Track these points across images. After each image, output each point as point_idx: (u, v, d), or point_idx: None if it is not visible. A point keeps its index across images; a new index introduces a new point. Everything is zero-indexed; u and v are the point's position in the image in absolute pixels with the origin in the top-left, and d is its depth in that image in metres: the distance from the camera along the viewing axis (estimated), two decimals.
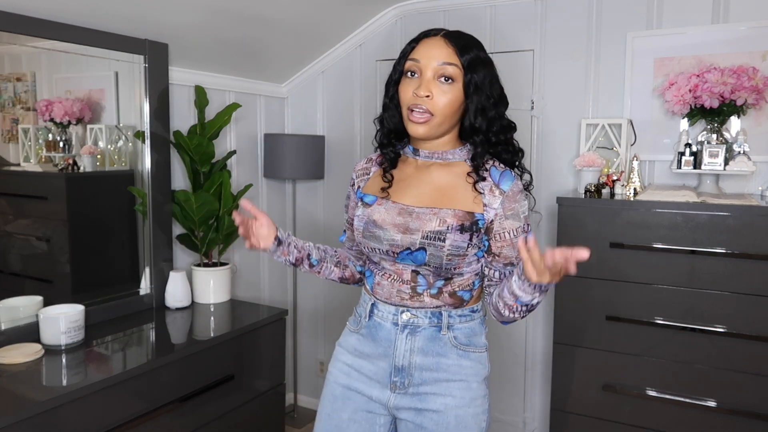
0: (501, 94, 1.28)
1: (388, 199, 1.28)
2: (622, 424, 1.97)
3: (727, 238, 1.78)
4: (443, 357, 1.27)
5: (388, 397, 1.30)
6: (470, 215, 1.22)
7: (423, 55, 1.22)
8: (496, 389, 2.61)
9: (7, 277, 1.83)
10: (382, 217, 1.25)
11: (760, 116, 2.03)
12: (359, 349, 1.34)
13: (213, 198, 2.12)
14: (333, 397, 1.36)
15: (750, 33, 2.03)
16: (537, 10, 2.36)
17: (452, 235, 1.20)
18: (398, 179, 1.30)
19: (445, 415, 1.26)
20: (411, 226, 1.22)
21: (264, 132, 2.72)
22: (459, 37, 1.25)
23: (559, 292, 2.04)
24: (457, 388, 1.27)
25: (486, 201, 1.24)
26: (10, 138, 1.83)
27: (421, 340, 1.27)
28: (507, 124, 1.30)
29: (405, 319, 1.27)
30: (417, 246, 1.21)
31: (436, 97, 1.20)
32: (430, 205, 1.23)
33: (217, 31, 2.14)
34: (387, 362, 1.29)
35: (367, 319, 1.32)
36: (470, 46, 1.24)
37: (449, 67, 1.21)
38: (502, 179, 1.25)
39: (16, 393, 1.41)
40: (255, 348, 1.99)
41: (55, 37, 1.76)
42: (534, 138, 2.41)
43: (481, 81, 1.22)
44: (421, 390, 1.27)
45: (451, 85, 1.21)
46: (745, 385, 1.80)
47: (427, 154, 1.29)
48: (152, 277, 2.10)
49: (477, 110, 1.23)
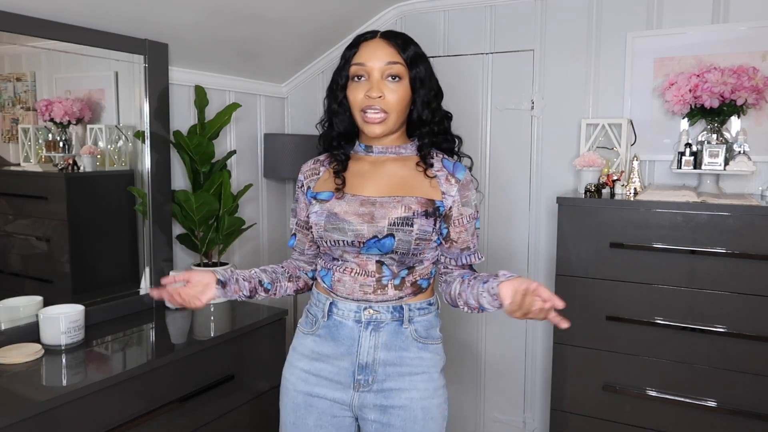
0: (438, 87, 1.35)
1: (346, 193, 1.31)
2: (622, 424, 1.97)
3: (727, 238, 1.78)
4: (405, 351, 1.30)
5: (352, 396, 1.31)
6: (431, 202, 1.27)
7: (368, 58, 1.27)
8: (496, 389, 2.61)
9: (7, 277, 1.82)
10: (343, 209, 1.28)
11: (760, 116, 2.03)
12: (317, 350, 1.34)
13: (213, 198, 2.12)
14: (295, 405, 1.35)
15: (750, 33, 2.03)
16: (537, 10, 2.36)
17: (419, 220, 1.25)
18: (352, 176, 1.34)
19: (412, 410, 1.29)
20: (376, 215, 1.25)
21: (264, 132, 2.72)
22: (396, 35, 1.31)
23: (559, 292, 2.04)
24: (420, 380, 1.30)
25: (444, 189, 1.30)
26: (10, 138, 1.83)
27: (385, 335, 1.29)
28: (445, 114, 1.37)
29: (368, 315, 1.29)
30: (385, 233, 1.24)
31: (387, 97, 1.26)
32: (392, 194, 1.27)
33: (217, 31, 2.14)
34: (349, 361, 1.30)
35: (325, 318, 1.33)
36: (409, 43, 1.30)
37: (395, 65, 1.26)
38: (456, 169, 1.32)
39: (16, 393, 1.41)
40: (255, 348, 1.99)
41: (55, 37, 1.76)
42: (534, 138, 2.41)
43: (423, 75, 1.29)
44: (385, 386, 1.29)
45: (398, 83, 1.27)
46: (745, 385, 1.80)
47: (381, 150, 1.34)
48: (152, 277, 2.10)
49: (423, 103, 1.30)
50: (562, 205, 2.01)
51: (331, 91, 1.34)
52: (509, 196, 2.49)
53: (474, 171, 2.47)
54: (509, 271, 1.25)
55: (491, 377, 2.62)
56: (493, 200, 2.52)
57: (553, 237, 2.27)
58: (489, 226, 2.54)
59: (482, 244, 2.55)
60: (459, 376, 2.66)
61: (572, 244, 1.99)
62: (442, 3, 2.52)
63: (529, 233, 2.47)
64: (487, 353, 2.62)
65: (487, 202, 2.53)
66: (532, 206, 2.45)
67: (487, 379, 2.63)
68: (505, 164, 2.48)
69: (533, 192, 2.44)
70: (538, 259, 2.46)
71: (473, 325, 2.62)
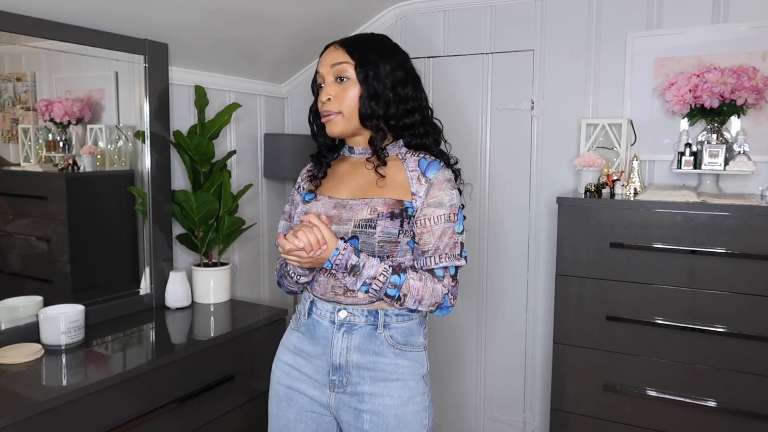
0: (404, 79, 1.32)
1: (324, 195, 1.34)
2: (622, 424, 1.97)
3: (727, 238, 1.78)
4: (380, 356, 1.29)
5: (328, 396, 1.32)
6: (400, 203, 1.26)
7: (321, 65, 1.33)
8: (496, 389, 2.61)
9: (7, 277, 1.82)
10: (317, 211, 1.30)
11: (760, 116, 2.03)
12: (299, 347, 1.37)
13: (213, 198, 2.12)
14: (278, 397, 1.39)
15: (750, 33, 2.03)
16: (537, 10, 2.36)
17: (382, 222, 1.24)
18: (334, 177, 1.37)
19: (384, 416, 1.28)
20: (344, 217, 1.27)
21: (264, 132, 2.72)
22: (351, 39, 1.33)
23: (559, 292, 2.04)
24: (394, 387, 1.29)
25: (414, 189, 1.28)
26: (10, 138, 1.83)
27: (358, 338, 1.29)
28: (412, 108, 1.32)
29: (342, 317, 1.29)
30: (349, 235, 1.25)
31: (336, 97, 1.29)
32: (362, 197, 1.29)
33: (217, 31, 2.14)
34: (325, 361, 1.31)
35: (306, 316, 1.35)
36: (360, 43, 1.32)
37: (339, 66, 1.29)
38: (428, 168, 1.29)
39: (16, 393, 1.41)
40: (255, 348, 1.99)
41: (55, 37, 1.76)
42: (534, 138, 2.41)
43: (374, 71, 1.28)
44: (359, 389, 1.29)
45: (346, 83, 1.29)
46: (745, 385, 1.80)
47: (360, 151, 1.36)
48: (152, 277, 2.10)
49: (369, 96, 1.28)
50: (562, 205, 2.01)
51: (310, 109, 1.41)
52: (509, 196, 2.49)
53: (474, 171, 2.50)
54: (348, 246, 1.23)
55: (491, 377, 2.62)
56: (493, 200, 2.52)
57: (553, 237, 2.27)
58: (489, 226, 2.54)
59: (482, 244, 2.55)
60: (459, 376, 2.66)
61: (572, 244, 1.99)
62: (442, 3, 2.52)
63: (529, 233, 2.47)
64: (487, 353, 2.62)
65: (487, 202, 2.53)
66: (532, 206, 2.45)
67: (487, 379, 2.63)
68: (505, 164, 2.48)
69: (533, 192, 2.44)
70: (538, 259, 2.46)
71: (473, 325, 2.62)
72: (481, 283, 2.59)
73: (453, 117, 2.47)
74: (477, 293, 2.60)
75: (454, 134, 1.42)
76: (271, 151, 2.62)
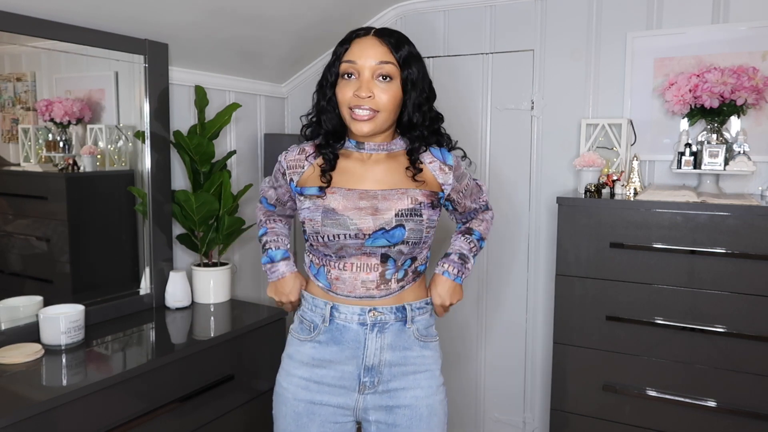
0: (431, 88, 1.33)
1: (340, 187, 1.27)
2: (622, 424, 1.97)
3: (727, 238, 1.79)
4: (408, 350, 1.31)
5: (356, 400, 1.31)
6: (434, 194, 1.30)
7: (359, 56, 1.24)
8: (496, 389, 2.61)
9: (7, 277, 1.82)
10: (342, 204, 1.24)
11: (760, 116, 2.03)
12: (318, 357, 1.31)
13: (213, 198, 2.12)
14: (296, 414, 1.32)
15: (750, 33, 2.03)
16: (537, 10, 2.36)
17: (426, 211, 1.26)
18: (341, 171, 1.30)
19: (417, 408, 1.30)
20: (380, 207, 1.24)
21: (264, 132, 2.72)
22: (390, 34, 1.27)
23: (559, 291, 2.04)
24: (423, 378, 1.32)
25: (441, 180, 1.32)
26: (10, 138, 1.83)
27: (390, 336, 1.30)
28: (436, 116, 1.35)
29: (373, 317, 1.28)
30: (393, 224, 1.23)
31: (377, 96, 1.23)
32: (394, 187, 1.27)
33: (217, 31, 2.14)
34: (354, 364, 1.29)
35: (326, 324, 1.30)
36: (402, 43, 1.27)
37: (386, 65, 1.24)
38: (444, 157, 1.34)
39: (16, 393, 1.41)
40: (255, 348, 1.98)
41: (55, 37, 1.76)
42: (534, 138, 2.41)
43: (415, 77, 1.27)
44: (390, 386, 1.30)
45: (389, 83, 1.24)
46: (745, 385, 1.80)
47: (373, 147, 1.31)
48: (152, 277, 2.10)
49: (414, 106, 1.28)
50: (562, 205, 2.01)
51: (320, 87, 1.32)
52: (509, 196, 2.49)
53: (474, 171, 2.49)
54: (442, 264, 1.40)
55: (491, 377, 2.62)
56: (493, 200, 2.51)
57: (553, 237, 2.27)
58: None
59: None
60: (459, 376, 2.66)
61: (572, 244, 1.99)
62: (442, 3, 2.52)
63: (529, 233, 2.47)
64: (487, 353, 2.62)
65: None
66: (532, 206, 2.45)
67: (487, 379, 2.63)
68: (505, 164, 2.48)
69: (533, 192, 2.44)
70: (538, 259, 2.46)
71: (473, 324, 2.62)
72: (481, 283, 2.59)
73: (453, 117, 2.45)
74: (477, 293, 2.60)
75: (454, 134, 1.42)
76: (271, 151, 2.62)
